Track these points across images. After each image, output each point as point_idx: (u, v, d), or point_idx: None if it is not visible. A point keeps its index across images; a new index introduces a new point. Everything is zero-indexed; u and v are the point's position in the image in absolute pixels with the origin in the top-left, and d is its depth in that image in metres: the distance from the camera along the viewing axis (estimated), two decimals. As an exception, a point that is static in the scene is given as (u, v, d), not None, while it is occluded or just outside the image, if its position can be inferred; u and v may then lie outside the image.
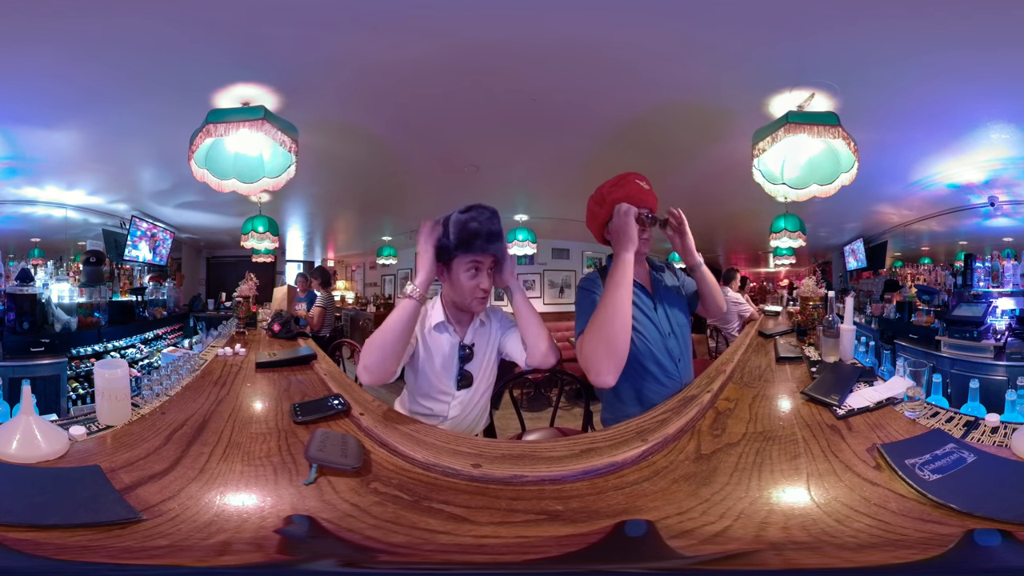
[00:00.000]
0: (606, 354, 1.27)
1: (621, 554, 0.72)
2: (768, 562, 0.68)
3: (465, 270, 1.46)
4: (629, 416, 1.32)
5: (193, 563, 0.67)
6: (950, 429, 1.09)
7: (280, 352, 2.05)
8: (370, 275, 8.32)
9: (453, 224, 1.42)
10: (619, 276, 1.33)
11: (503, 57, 2.12)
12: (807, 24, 1.84)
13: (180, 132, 2.24)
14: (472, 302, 1.50)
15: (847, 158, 2.16)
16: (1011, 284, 3.91)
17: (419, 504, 0.83)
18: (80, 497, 0.79)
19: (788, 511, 0.80)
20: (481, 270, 1.47)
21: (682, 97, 2.47)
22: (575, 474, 0.92)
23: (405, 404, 1.62)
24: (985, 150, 3.04)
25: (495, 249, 1.46)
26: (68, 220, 4.24)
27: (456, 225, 1.41)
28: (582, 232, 1.67)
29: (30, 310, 3.62)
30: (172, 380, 1.51)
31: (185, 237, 5.89)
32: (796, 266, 6.46)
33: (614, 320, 1.28)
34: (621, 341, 1.28)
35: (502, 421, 1.98)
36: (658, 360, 1.50)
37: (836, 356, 1.81)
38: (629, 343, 1.30)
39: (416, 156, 3.45)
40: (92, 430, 1.08)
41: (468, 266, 1.46)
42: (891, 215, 4.89)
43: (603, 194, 1.55)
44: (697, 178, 3.58)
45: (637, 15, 1.83)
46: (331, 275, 5.17)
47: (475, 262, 1.46)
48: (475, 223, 1.41)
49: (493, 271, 1.51)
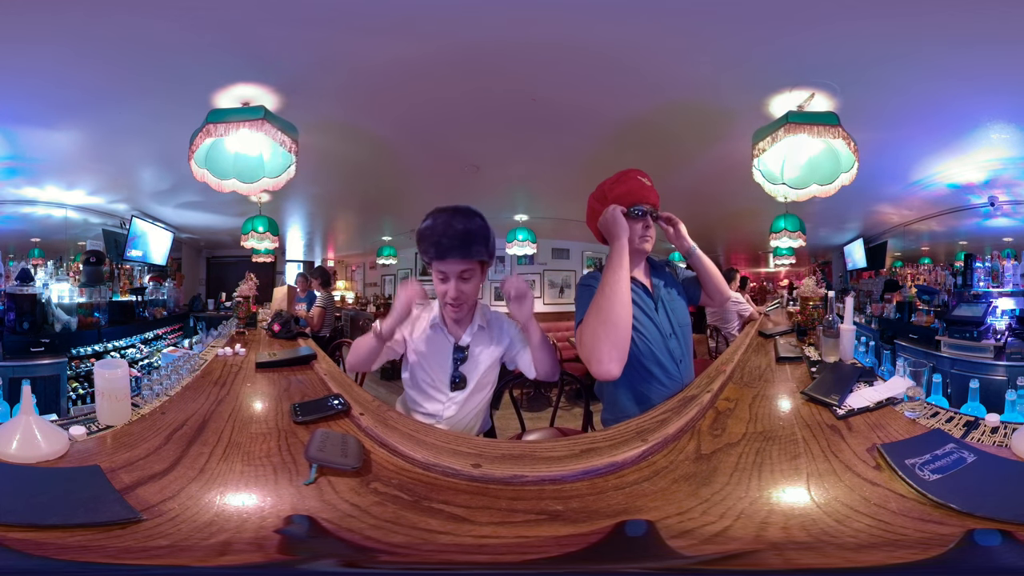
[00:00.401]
0: (606, 338, 1.23)
1: (621, 554, 0.72)
2: (768, 562, 0.68)
3: (438, 277, 1.46)
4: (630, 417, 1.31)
5: (193, 563, 0.67)
6: (950, 429, 1.09)
7: (280, 352, 2.05)
8: (370, 275, 8.33)
9: (417, 234, 1.42)
10: (616, 260, 1.33)
11: (503, 57, 2.12)
12: (807, 24, 1.84)
13: (180, 132, 2.24)
14: (444, 307, 1.51)
15: (847, 158, 2.16)
16: (1011, 284, 3.91)
17: (419, 504, 0.83)
18: (80, 497, 0.78)
19: (788, 511, 0.80)
20: (448, 278, 1.43)
21: (682, 97, 2.47)
22: (575, 474, 0.92)
23: (406, 403, 1.64)
24: (985, 150, 3.04)
25: (460, 253, 1.38)
26: (68, 220, 4.24)
27: (417, 234, 1.41)
28: (582, 232, 1.67)
29: (30, 310, 3.62)
30: (172, 380, 1.51)
31: (185, 237, 5.90)
32: (796, 266, 6.46)
33: (613, 302, 1.25)
34: (623, 324, 1.24)
35: (502, 421, 1.98)
36: (659, 361, 1.48)
37: (836, 356, 1.80)
38: (631, 327, 1.26)
39: (416, 156, 3.45)
40: (92, 430, 1.08)
41: (439, 274, 1.46)
42: (891, 215, 4.90)
43: (604, 191, 1.55)
44: (697, 178, 3.58)
45: (637, 15, 1.83)
46: (331, 275, 5.17)
47: (440, 272, 1.44)
48: (429, 231, 1.38)
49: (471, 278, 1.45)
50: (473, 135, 3.07)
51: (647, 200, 1.50)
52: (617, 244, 1.38)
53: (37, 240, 4.18)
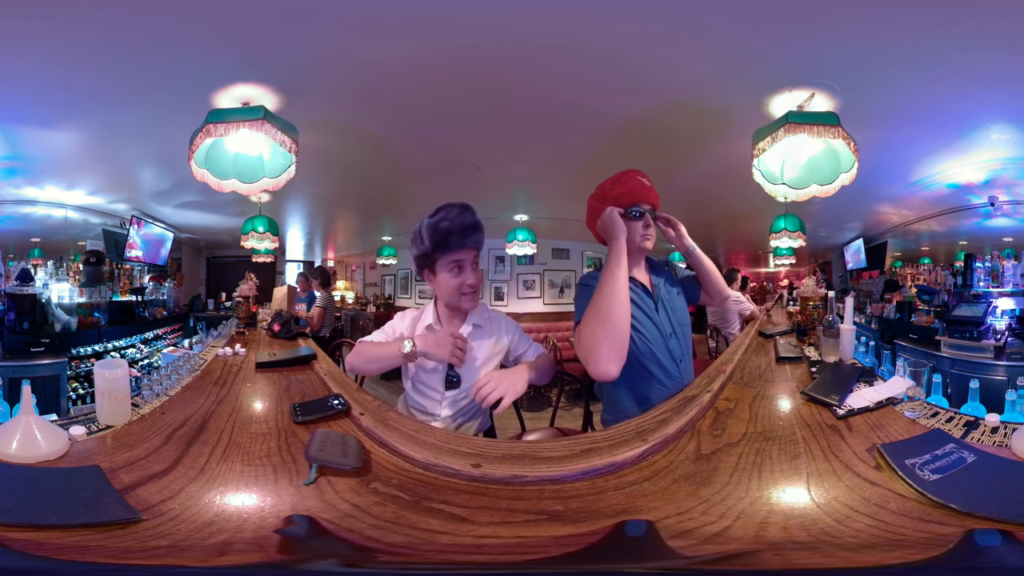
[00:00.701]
0: (605, 338, 1.23)
1: (621, 554, 0.72)
2: (768, 562, 0.68)
3: (448, 271, 1.48)
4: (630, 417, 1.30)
5: (193, 563, 0.67)
6: (950, 429, 1.09)
7: (280, 352, 2.05)
8: (370, 275, 8.32)
9: (426, 229, 1.45)
10: (613, 261, 1.34)
11: (503, 57, 2.12)
12: (807, 24, 1.84)
13: (180, 132, 2.24)
14: (460, 300, 1.52)
15: (847, 158, 2.16)
16: (1011, 284, 3.91)
17: (419, 504, 0.83)
18: (80, 497, 0.78)
19: (788, 511, 0.80)
20: (464, 267, 1.48)
21: (682, 97, 2.47)
22: (575, 474, 0.92)
23: (406, 403, 1.65)
24: (985, 150, 3.04)
25: (473, 242, 1.47)
26: (68, 220, 4.24)
27: (428, 229, 1.44)
28: (582, 232, 1.68)
29: (30, 310, 3.62)
30: (172, 380, 1.51)
31: (185, 237, 5.89)
32: (796, 266, 6.46)
33: (611, 302, 1.25)
34: (621, 324, 1.24)
35: (502, 421, 1.98)
36: (659, 361, 1.48)
37: (836, 356, 1.80)
38: (629, 327, 1.27)
39: (416, 156, 3.45)
40: (92, 430, 1.08)
41: (450, 266, 1.48)
42: (891, 215, 4.89)
43: (604, 191, 1.56)
44: (697, 178, 3.57)
45: (637, 15, 1.83)
46: (331, 275, 5.17)
47: (456, 261, 1.47)
48: (446, 222, 1.43)
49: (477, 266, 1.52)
50: (473, 135, 3.07)
51: (646, 200, 1.52)
52: (615, 245, 1.39)
53: (37, 240, 4.18)
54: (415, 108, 2.62)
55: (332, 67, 2.19)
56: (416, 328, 1.60)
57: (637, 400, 1.47)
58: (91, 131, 2.77)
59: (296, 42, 1.99)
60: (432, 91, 2.43)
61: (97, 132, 2.79)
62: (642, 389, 1.47)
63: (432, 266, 1.50)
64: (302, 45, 2.01)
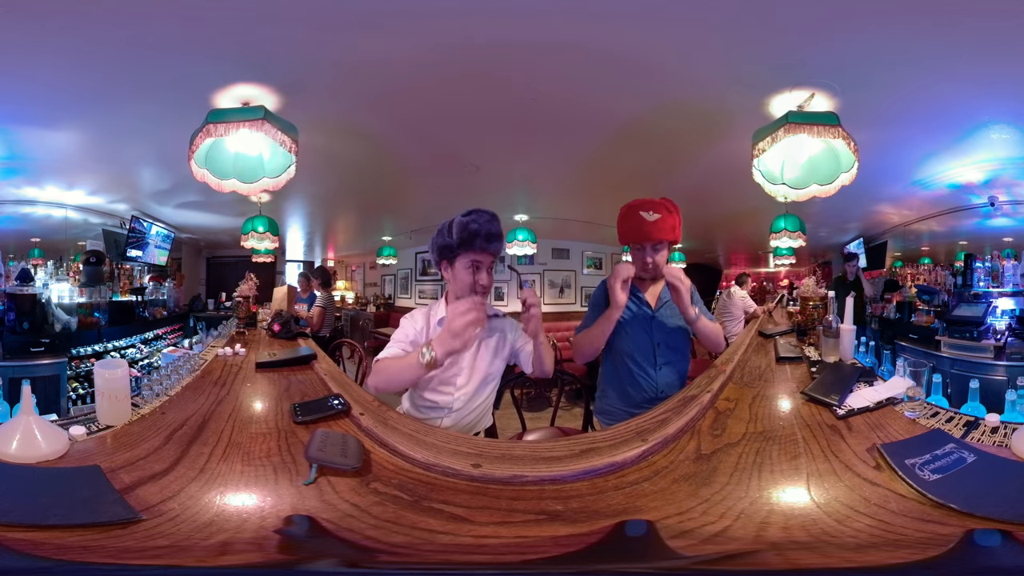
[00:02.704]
0: (581, 352, 1.85)
1: (621, 554, 0.72)
2: (768, 562, 0.68)
3: (466, 267, 1.56)
4: (614, 404, 1.85)
5: (193, 563, 0.67)
6: (950, 429, 1.09)
7: (280, 352, 2.05)
8: (370, 275, 8.33)
9: (456, 225, 1.54)
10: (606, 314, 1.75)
11: (503, 57, 2.12)
12: (807, 24, 1.84)
13: (180, 132, 2.23)
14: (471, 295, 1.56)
15: (847, 158, 2.16)
16: (1011, 284, 3.90)
17: (419, 504, 0.83)
18: (80, 497, 0.78)
19: (788, 511, 0.80)
20: (481, 268, 1.57)
21: (682, 97, 2.47)
22: (575, 474, 0.92)
23: (412, 397, 1.65)
24: (985, 150, 3.04)
25: (494, 248, 1.57)
26: (68, 220, 4.24)
27: (459, 226, 1.53)
28: (582, 232, 1.71)
29: (30, 310, 3.62)
30: (172, 380, 1.51)
31: (185, 237, 5.89)
32: (796, 266, 6.46)
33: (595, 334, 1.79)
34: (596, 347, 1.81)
35: (502, 421, 1.98)
36: (640, 364, 1.80)
37: (836, 356, 1.81)
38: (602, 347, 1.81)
39: (416, 156, 3.44)
40: (92, 430, 1.08)
41: (468, 264, 1.56)
42: (891, 215, 4.89)
43: (619, 218, 1.81)
44: (697, 178, 3.57)
45: (638, 15, 1.83)
46: (331, 275, 5.17)
47: (475, 260, 1.56)
48: (475, 224, 1.53)
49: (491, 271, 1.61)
50: (473, 135, 3.07)
51: (647, 238, 1.74)
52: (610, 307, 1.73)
53: (37, 240, 4.17)
54: (415, 108, 2.62)
55: (332, 67, 2.19)
56: (430, 327, 1.60)
57: (619, 392, 1.84)
58: (91, 131, 2.77)
59: (296, 42, 1.99)
60: (432, 91, 2.43)
61: (97, 132, 2.79)
62: (624, 384, 1.83)
63: (452, 259, 1.57)
64: (302, 45, 2.01)
